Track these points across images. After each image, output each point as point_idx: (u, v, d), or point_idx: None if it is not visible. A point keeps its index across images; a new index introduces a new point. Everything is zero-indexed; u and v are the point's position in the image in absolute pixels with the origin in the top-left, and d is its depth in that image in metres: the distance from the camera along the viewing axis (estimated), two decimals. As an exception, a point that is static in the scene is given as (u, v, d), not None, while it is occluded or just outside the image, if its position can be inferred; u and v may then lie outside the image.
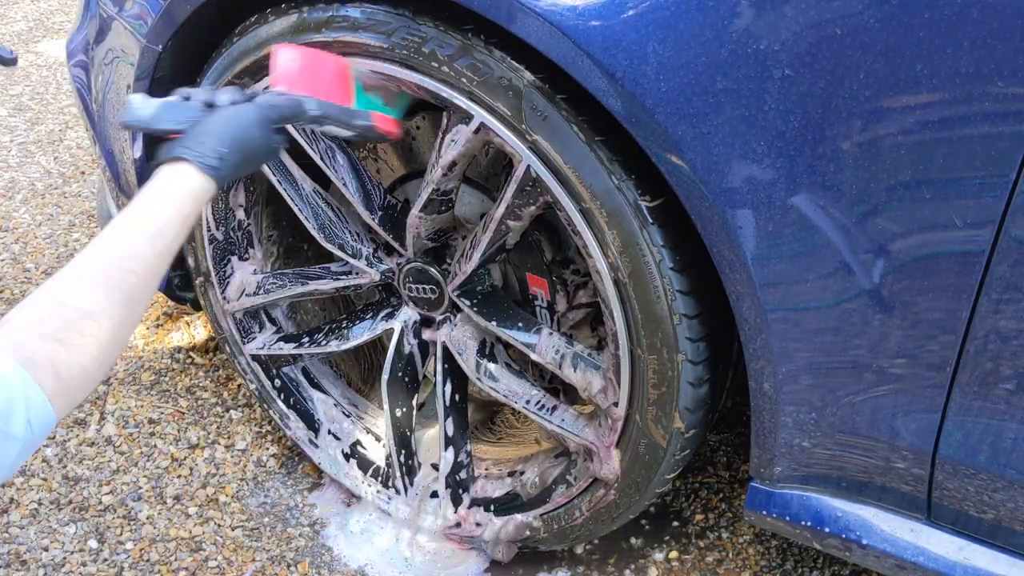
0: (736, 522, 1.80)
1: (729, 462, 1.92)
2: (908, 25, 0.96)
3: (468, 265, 1.45)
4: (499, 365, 1.56)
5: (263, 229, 1.77)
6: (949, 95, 0.98)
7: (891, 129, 1.01)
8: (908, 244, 1.07)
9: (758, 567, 1.71)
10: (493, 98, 1.25)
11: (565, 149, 1.23)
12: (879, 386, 1.18)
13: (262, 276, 1.75)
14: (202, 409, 2.02)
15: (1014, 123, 0.96)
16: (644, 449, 1.40)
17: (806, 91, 1.03)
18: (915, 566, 1.27)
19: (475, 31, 1.25)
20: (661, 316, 1.27)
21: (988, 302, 1.06)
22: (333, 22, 1.34)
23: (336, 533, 1.80)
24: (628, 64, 1.08)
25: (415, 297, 1.61)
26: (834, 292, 1.13)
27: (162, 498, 1.82)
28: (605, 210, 1.23)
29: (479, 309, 1.51)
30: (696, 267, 1.26)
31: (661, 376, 1.32)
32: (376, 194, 1.55)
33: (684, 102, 1.07)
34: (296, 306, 1.88)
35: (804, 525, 1.34)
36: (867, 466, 1.27)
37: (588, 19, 1.09)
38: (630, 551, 1.76)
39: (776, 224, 1.10)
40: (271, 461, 1.92)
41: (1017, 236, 1.00)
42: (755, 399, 1.27)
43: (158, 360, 2.12)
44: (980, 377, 1.11)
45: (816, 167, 1.06)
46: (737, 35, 1.03)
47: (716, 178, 1.10)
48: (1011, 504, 1.18)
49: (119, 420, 1.97)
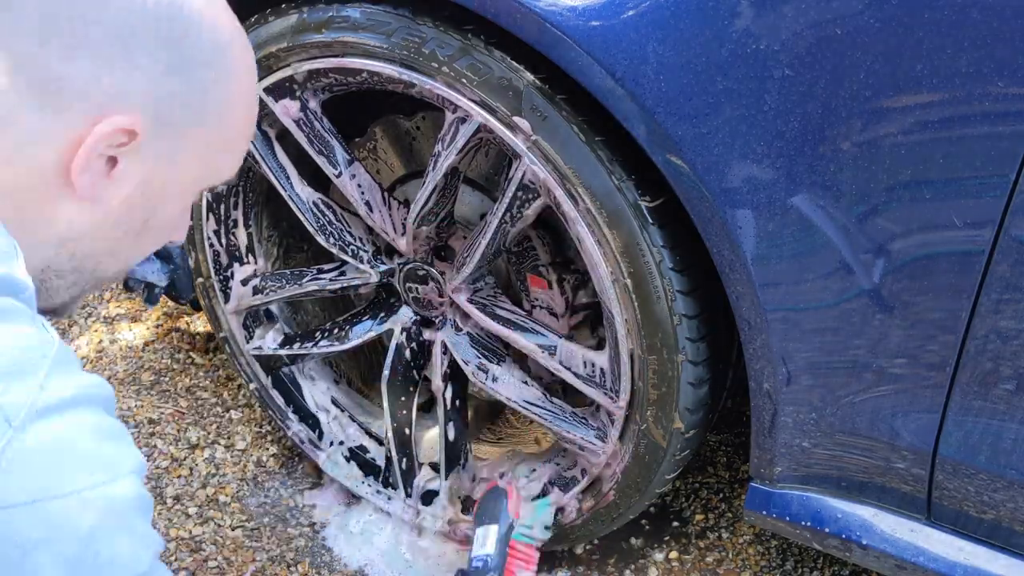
0: (736, 522, 1.80)
1: (729, 462, 1.92)
2: (908, 25, 0.96)
3: (468, 265, 1.45)
4: (499, 365, 1.56)
5: (263, 229, 1.77)
6: (949, 95, 0.98)
7: (891, 129, 1.01)
8: (908, 244, 1.07)
9: (758, 567, 1.71)
10: (493, 98, 1.25)
11: (565, 149, 1.23)
12: (879, 386, 1.18)
13: (262, 276, 1.75)
14: (202, 409, 2.02)
15: (1014, 123, 0.96)
16: (644, 449, 1.40)
17: (806, 91, 1.03)
18: (915, 566, 1.27)
19: (475, 31, 1.25)
20: (661, 316, 1.27)
21: (988, 302, 1.06)
22: (333, 22, 1.34)
23: (336, 533, 1.80)
24: (628, 64, 1.08)
25: (415, 297, 1.61)
26: (834, 292, 1.13)
27: (162, 498, 1.82)
28: (605, 210, 1.23)
29: (479, 309, 1.51)
30: (696, 267, 1.26)
31: (661, 376, 1.32)
32: (376, 194, 1.55)
33: (684, 102, 1.07)
34: (296, 306, 1.88)
35: (804, 525, 1.34)
36: (867, 466, 1.27)
37: (588, 19, 1.09)
38: (630, 551, 1.76)
39: (776, 224, 1.10)
40: (271, 461, 1.92)
41: (1017, 236, 1.00)
42: (755, 399, 1.27)
43: (158, 360, 2.12)
44: (980, 377, 1.11)
45: (816, 167, 1.06)
46: (737, 35, 1.03)
47: (716, 178, 1.10)
48: (1011, 504, 1.18)
49: (119, 420, 1.97)
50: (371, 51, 1.32)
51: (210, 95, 0.83)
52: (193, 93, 0.82)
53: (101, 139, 0.77)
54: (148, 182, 0.83)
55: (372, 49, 1.32)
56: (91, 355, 2.11)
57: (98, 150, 0.78)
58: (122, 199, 0.82)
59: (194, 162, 0.86)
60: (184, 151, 0.84)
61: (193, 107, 0.82)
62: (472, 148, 1.36)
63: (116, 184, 0.81)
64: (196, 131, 0.84)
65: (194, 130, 0.84)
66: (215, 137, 0.86)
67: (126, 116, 0.78)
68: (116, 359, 2.11)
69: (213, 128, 0.85)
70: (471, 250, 1.43)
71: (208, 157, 0.87)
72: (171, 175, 0.85)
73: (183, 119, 0.82)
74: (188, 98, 0.82)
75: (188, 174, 0.87)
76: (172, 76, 0.80)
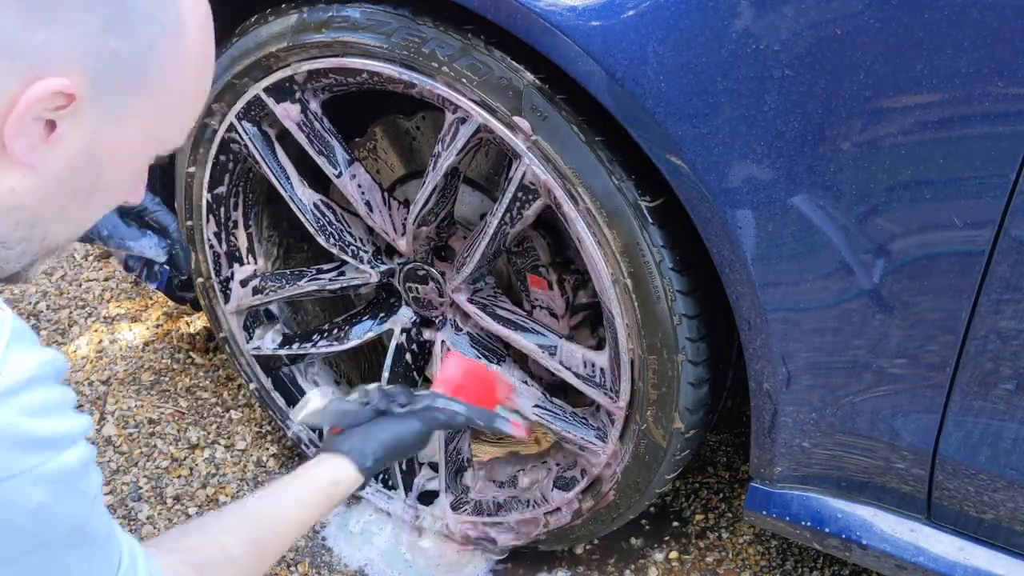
0: (736, 522, 1.80)
1: (729, 462, 1.92)
2: (908, 25, 0.96)
3: (468, 266, 1.45)
4: (499, 365, 1.56)
5: (263, 229, 1.77)
6: (949, 95, 0.98)
7: (891, 129, 1.01)
8: (908, 244, 1.07)
9: (758, 567, 1.71)
10: (493, 98, 1.25)
11: (565, 149, 1.23)
12: (879, 386, 1.18)
13: (262, 277, 1.75)
14: (202, 409, 2.02)
15: (1014, 123, 0.96)
16: (644, 449, 1.40)
17: (806, 91, 1.03)
18: (915, 566, 1.27)
19: (475, 31, 1.25)
20: (661, 316, 1.27)
21: (988, 302, 1.06)
22: (333, 22, 1.34)
23: (336, 533, 1.80)
24: (628, 64, 1.08)
25: (415, 297, 1.61)
26: (834, 292, 1.13)
27: (162, 498, 1.82)
28: (605, 210, 1.23)
29: (479, 309, 1.51)
30: (696, 267, 1.26)
31: (661, 376, 1.32)
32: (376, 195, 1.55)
33: (684, 102, 1.07)
34: (297, 306, 1.88)
35: (804, 525, 1.34)
36: (867, 466, 1.27)
37: (588, 19, 1.09)
38: (630, 551, 1.76)
39: (776, 224, 1.10)
40: (271, 461, 1.92)
41: (1017, 236, 1.00)
42: (755, 399, 1.27)
43: (158, 360, 2.12)
44: (980, 377, 1.11)
45: (816, 167, 1.06)
46: (737, 35, 1.03)
47: (716, 178, 1.10)
48: (1011, 504, 1.18)
49: (119, 420, 1.97)
50: (371, 51, 1.32)
51: (155, 52, 0.77)
52: (136, 51, 0.75)
53: (35, 103, 0.72)
54: (92, 146, 0.78)
55: (372, 49, 1.32)
56: (91, 355, 2.11)
57: (33, 113, 0.72)
58: (64, 164, 0.77)
59: (140, 125, 0.80)
60: (129, 114, 0.78)
61: (136, 66, 0.76)
62: (472, 148, 1.36)
63: (56, 149, 0.76)
64: (140, 92, 0.78)
65: (138, 91, 0.77)
66: (162, 99, 0.80)
67: (62, 78, 0.72)
68: (116, 359, 2.11)
69: (159, 89, 0.79)
70: (471, 250, 1.43)
71: (156, 120, 0.81)
72: (116, 138, 0.79)
73: (126, 80, 0.76)
74: (130, 56, 0.75)
75: (134, 137, 0.81)
76: (111, 33, 0.74)
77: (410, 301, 1.63)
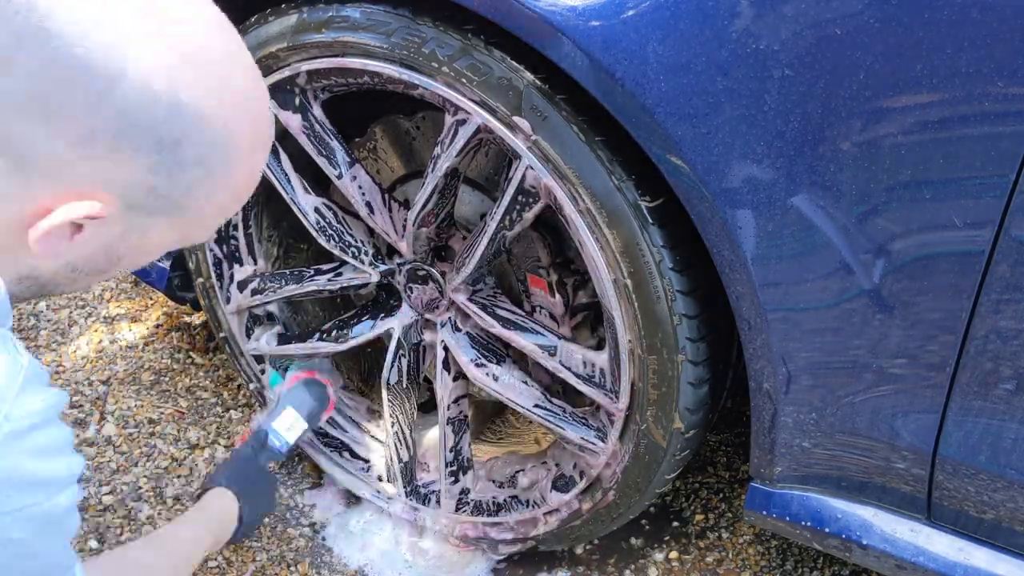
0: (736, 522, 1.80)
1: (729, 462, 1.92)
2: (908, 25, 0.96)
3: (468, 266, 1.45)
4: (499, 366, 1.56)
5: (263, 229, 1.77)
6: (949, 95, 0.98)
7: (891, 129, 1.01)
8: (908, 244, 1.07)
9: (758, 567, 1.71)
10: (493, 98, 1.25)
11: (565, 149, 1.23)
12: (879, 386, 1.18)
13: (262, 277, 1.75)
14: (202, 409, 2.02)
15: (1014, 123, 0.96)
16: (644, 449, 1.40)
17: (806, 91, 1.03)
18: (915, 566, 1.27)
19: (475, 31, 1.25)
20: (661, 316, 1.27)
21: (988, 302, 1.06)
22: (333, 22, 1.34)
23: (336, 533, 1.80)
24: (628, 64, 1.08)
25: (416, 297, 1.61)
26: (834, 292, 1.13)
27: (162, 498, 1.82)
28: (605, 210, 1.23)
29: (479, 309, 1.51)
30: (696, 267, 1.26)
31: (661, 376, 1.32)
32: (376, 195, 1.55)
33: (684, 102, 1.07)
34: (297, 307, 1.88)
35: (804, 525, 1.34)
36: (867, 466, 1.27)
37: (588, 19, 1.09)
38: (630, 551, 1.76)
39: (776, 224, 1.10)
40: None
41: (1017, 236, 1.00)
42: (755, 399, 1.27)
43: (158, 360, 2.12)
44: (980, 377, 1.11)
45: (816, 167, 1.06)
46: (737, 35, 1.03)
47: (716, 178, 1.10)
48: (1011, 504, 1.18)
49: (119, 420, 1.97)
50: (371, 51, 1.32)
51: (194, 191, 0.79)
52: (175, 189, 0.78)
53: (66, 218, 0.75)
54: (115, 245, 0.81)
55: (372, 49, 1.32)
56: (91, 355, 2.11)
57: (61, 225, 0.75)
58: (85, 256, 0.80)
59: (168, 233, 0.83)
60: (158, 227, 0.81)
61: (174, 200, 0.79)
62: (472, 149, 1.36)
63: (78, 246, 0.78)
64: (173, 215, 0.80)
65: (171, 215, 0.80)
66: (195, 219, 0.83)
67: (96, 202, 0.75)
68: (116, 359, 2.11)
69: (193, 213, 0.81)
70: (471, 250, 1.43)
71: (186, 227, 0.84)
72: (141, 240, 0.82)
73: (160, 207, 0.79)
74: (169, 193, 0.78)
75: (161, 239, 0.84)
76: (156, 175, 0.76)
77: (410, 301, 1.63)
